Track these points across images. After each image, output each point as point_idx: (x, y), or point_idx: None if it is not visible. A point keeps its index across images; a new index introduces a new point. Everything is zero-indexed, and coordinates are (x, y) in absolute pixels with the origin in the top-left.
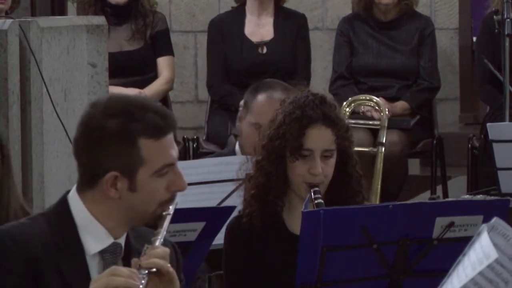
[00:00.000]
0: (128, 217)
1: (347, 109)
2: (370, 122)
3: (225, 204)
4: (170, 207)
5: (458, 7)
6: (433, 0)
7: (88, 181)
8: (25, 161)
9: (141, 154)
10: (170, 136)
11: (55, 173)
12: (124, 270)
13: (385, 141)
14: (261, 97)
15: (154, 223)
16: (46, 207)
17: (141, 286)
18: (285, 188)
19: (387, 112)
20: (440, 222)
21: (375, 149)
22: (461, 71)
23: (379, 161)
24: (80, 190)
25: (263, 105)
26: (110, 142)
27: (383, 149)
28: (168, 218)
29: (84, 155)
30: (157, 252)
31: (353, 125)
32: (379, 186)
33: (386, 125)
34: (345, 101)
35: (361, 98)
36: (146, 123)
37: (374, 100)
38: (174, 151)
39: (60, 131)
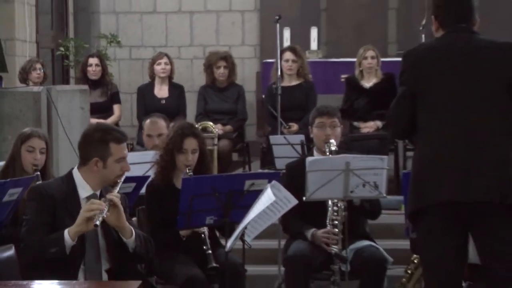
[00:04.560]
0: (101, 181)
1: (200, 126)
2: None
3: (146, 174)
4: (121, 178)
5: (255, 80)
6: (245, 75)
7: (83, 162)
8: (50, 155)
9: (110, 151)
10: (125, 143)
11: (64, 160)
12: (96, 200)
13: (221, 144)
14: (147, 121)
15: (112, 185)
16: (60, 174)
17: (105, 208)
18: (174, 167)
19: (221, 131)
20: (248, 182)
21: (212, 148)
22: (257, 112)
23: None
24: (79, 167)
25: (147, 124)
26: (95, 143)
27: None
28: (120, 183)
29: (83, 149)
30: (114, 193)
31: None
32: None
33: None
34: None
35: (209, 124)
36: (113, 135)
37: (211, 127)
38: (126, 151)
39: (67, 141)
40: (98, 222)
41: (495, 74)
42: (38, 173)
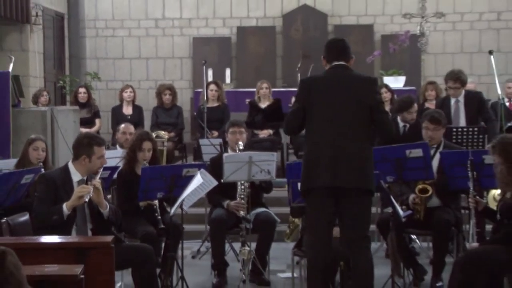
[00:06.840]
0: (87, 171)
1: (154, 134)
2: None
3: (118, 165)
4: (101, 169)
5: (190, 102)
6: (183, 100)
7: (75, 158)
8: (53, 154)
9: (94, 151)
10: (104, 146)
11: (62, 156)
12: (86, 185)
13: (167, 144)
14: (123, 125)
15: (95, 173)
16: (59, 165)
17: (91, 190)
18: (136, 160)
19: (167, 136)
20: (185, 170)
21: (162, 148)
22: (191, 124)
23: (165, 152)
24: (72, 161)
25: (122, 126)
26: (84, 146)
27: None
28: (100, 172)
29: (75, 149)
30: (97, 180)
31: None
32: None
33: (166, 140)
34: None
35: (161, 132)
36: (96, 140)
37: (162, 134)
38: (104, 151)
39: (64, 144)
40: (86, 199)
41: (359, 97)
42: (42, 164)
